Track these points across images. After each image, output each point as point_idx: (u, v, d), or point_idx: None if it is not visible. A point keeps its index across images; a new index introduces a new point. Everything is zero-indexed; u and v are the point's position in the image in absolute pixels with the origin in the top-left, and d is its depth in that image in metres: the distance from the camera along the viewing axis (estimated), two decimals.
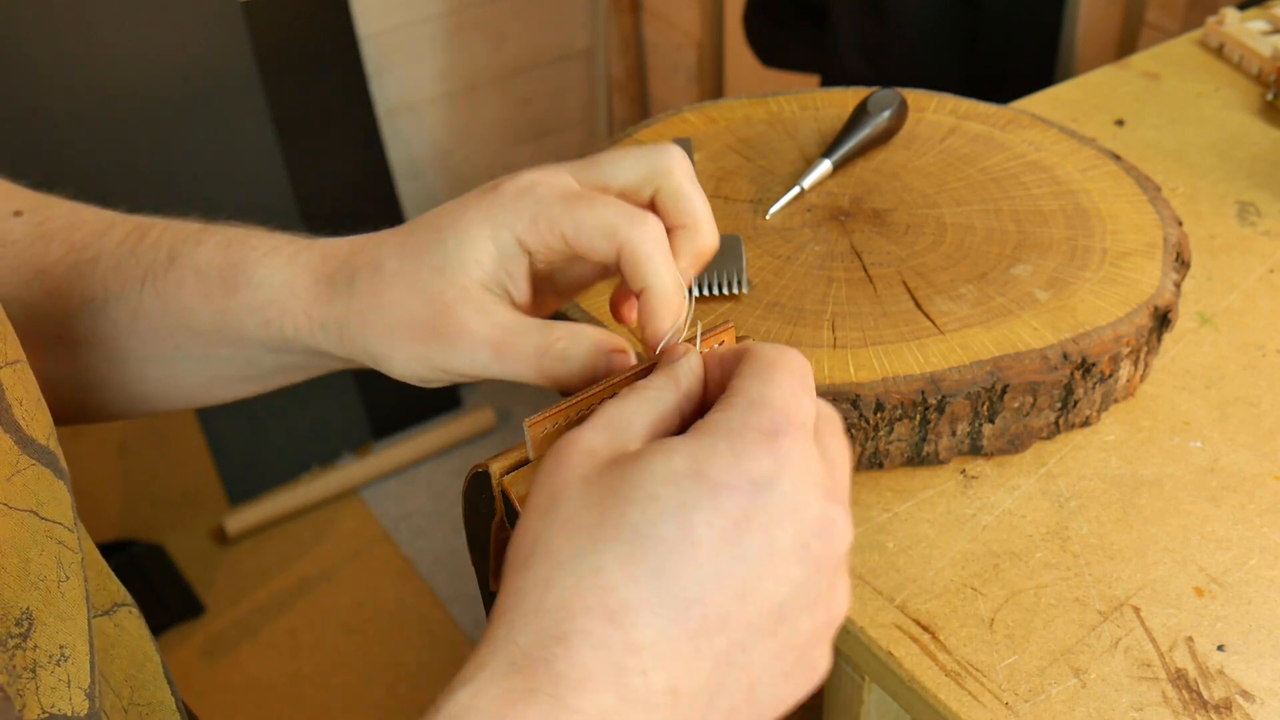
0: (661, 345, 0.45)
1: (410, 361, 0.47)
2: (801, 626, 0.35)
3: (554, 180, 0.46)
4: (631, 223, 0.44)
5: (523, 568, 0.35)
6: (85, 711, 0.38)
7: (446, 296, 0.46)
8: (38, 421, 0.40)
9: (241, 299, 0.50)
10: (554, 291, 0.51)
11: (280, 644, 1.75)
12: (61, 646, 0.37)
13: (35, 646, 0.36)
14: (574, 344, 0.45)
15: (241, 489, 1.94)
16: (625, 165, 0.47)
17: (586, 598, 0.33)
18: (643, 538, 0.34)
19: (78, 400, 0.56)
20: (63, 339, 0.53)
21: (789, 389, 0.37)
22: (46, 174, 1.70)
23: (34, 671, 0.36)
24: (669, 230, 0.46)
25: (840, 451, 0.38)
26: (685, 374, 0.40)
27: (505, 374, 0.46)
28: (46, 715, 0.36)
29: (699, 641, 0.33)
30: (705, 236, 0.47)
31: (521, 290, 0.47)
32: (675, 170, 0.46)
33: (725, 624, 0.34)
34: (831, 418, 0.39)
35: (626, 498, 0.34)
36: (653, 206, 0.47)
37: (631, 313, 0.50)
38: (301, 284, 0.49)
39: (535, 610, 0.34)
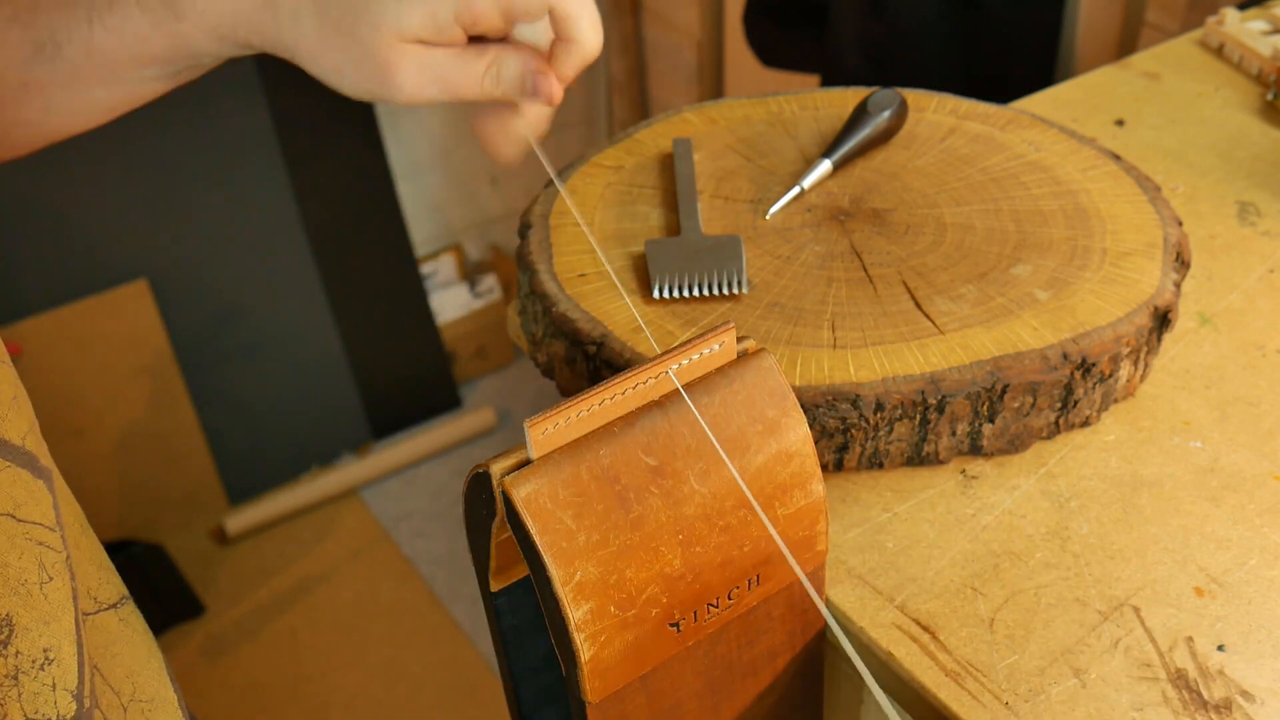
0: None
1: (358, 92, 0.55)
2: None
3: None
4: None
5: None
6: (72, 714, 0.38)
7: (386, 54, 0.53)
8: (11, 422, 0.40)
9: (190, 23, 0.55)
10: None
11: (280, 644, 1.75)
12: (45, 650, 0.37)
13: (17, 653, 0.36)
14: (505, 63, 0.54)
15: (241, 489, 1.94)
16: None
17: None
18: None
19: (38, 133, 0.60)
20: (20, 84, 0.57)
21: None
22: (46, 174, 1.70)
23: (15, 678, 0.36)
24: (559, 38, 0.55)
25: None
26: None
27: (450, 100, 0.54)
28: None
29: None
30: (584, 49, 0.56)
31: (455, 41, 0.54)
32: None
33: None
34: None
35: None
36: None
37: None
38: (246, 6, 0.54)
39: None
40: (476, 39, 0.56)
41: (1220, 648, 0.53)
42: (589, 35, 0.55)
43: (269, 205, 1.78)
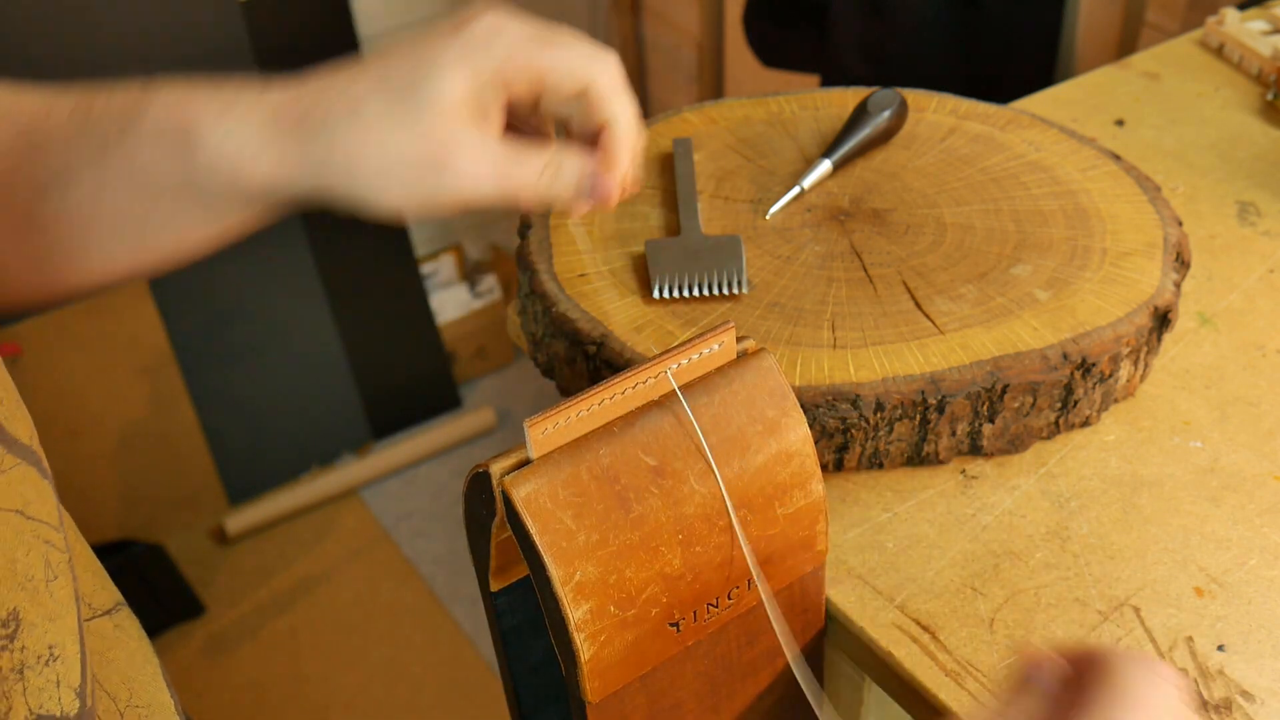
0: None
1: (404, 196, 0.49)
2: None
3: (520, 25, 0.50)
4: (594, 63, 0.50)
5: None
6: (75, 711, 0.38)
7: (440, 133, 0.48)
8: (19, 421, 0.40)
9: (206, 157, 0.50)
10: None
11: (280, 644, 1.75)
12: (50, 646, 0.37)
13: (23, 647, 0.36)
14: (565, 163, 0.50)
15: (241, 489, 1.94)
16: (567, 50, 0.50)
17: None
18: None
19: (44, 283, 0.56)
20: (24, 222, 0.53)
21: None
22: None
23: (21, 673, 0.36)
24: (598, 129, 0.51)
25: None
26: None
27: (506, 197, 0.50)
28: (35, 716, 0.36)
29: None
30: (626, 134, 0.51)
31: (496, 123, 0.50)
32: (605, 74, 0.50)
33: None
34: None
35: None
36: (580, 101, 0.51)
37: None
38: (269, 131, 0.50)
39: None
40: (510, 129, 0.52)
41: (1220, 648, 0.53)
42: (625, 114, 0.50)
43: None
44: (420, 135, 0.48)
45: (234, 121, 0.50)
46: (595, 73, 0.49)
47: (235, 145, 0.50)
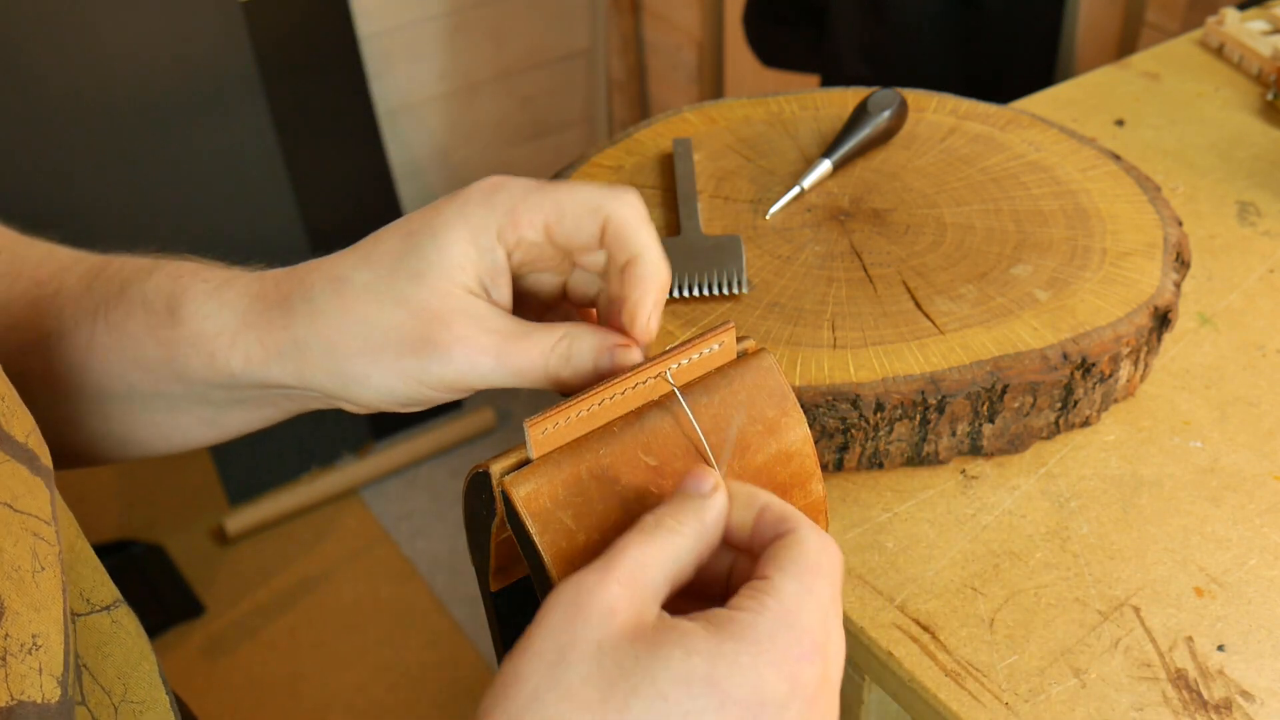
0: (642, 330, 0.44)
1: (392, 379, 0.44)
2: None
3: (521, 180, 0.45)
4: (614, 196, 0.44)
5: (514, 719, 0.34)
6: (56, 699, 0.38)
7: (433, 305, 0.43)
8: (18, 419, 0.40)
9: (186, 331, 0.47)
10: (520, 306, 0.49)
11: (280, 644, 1.75)
12: (34, 635, 0.37)
13: (6, 635, 0.36)
14: (577, 342, 0.44)
15: (241, 489, 1.94)
16: (581, 188, 0.46)
17: None
18: None
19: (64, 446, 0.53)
20: (21, 375, 0.50)
21: (825, 604, 0.36)
22: (47, 174, 1.70)
23: (4, 659, 0.36)
24: (622, 266, 0.45)
25: (839, 665, 0.37)
26: (712, 521, 0.39)
27: (507, 380, 0.44)
28: (15, 702, 0.36)
29: None
30: (656, 268, 0.45)
31: (504, 295, 0.45)
32: (626, 206, 0.45)
33: None
34: (842, 636, 0.38)
35: (634, 688, 0.33)
36: (602, 240, 0.45)
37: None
38: (253, 312, 0.46)
39: None
40: (530, 303, 0.48)
41: (1220, 648, 0.53)
42: (653, 248, 0.44)
43: (269, 205, 1.78)
44: (409, 310, 0.43)
45: (218, 303, 0.47)
46: (615, 206, 0.44)
47: (215, 326, 0.46)
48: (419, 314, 0.43)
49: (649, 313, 0.44)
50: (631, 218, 0.44)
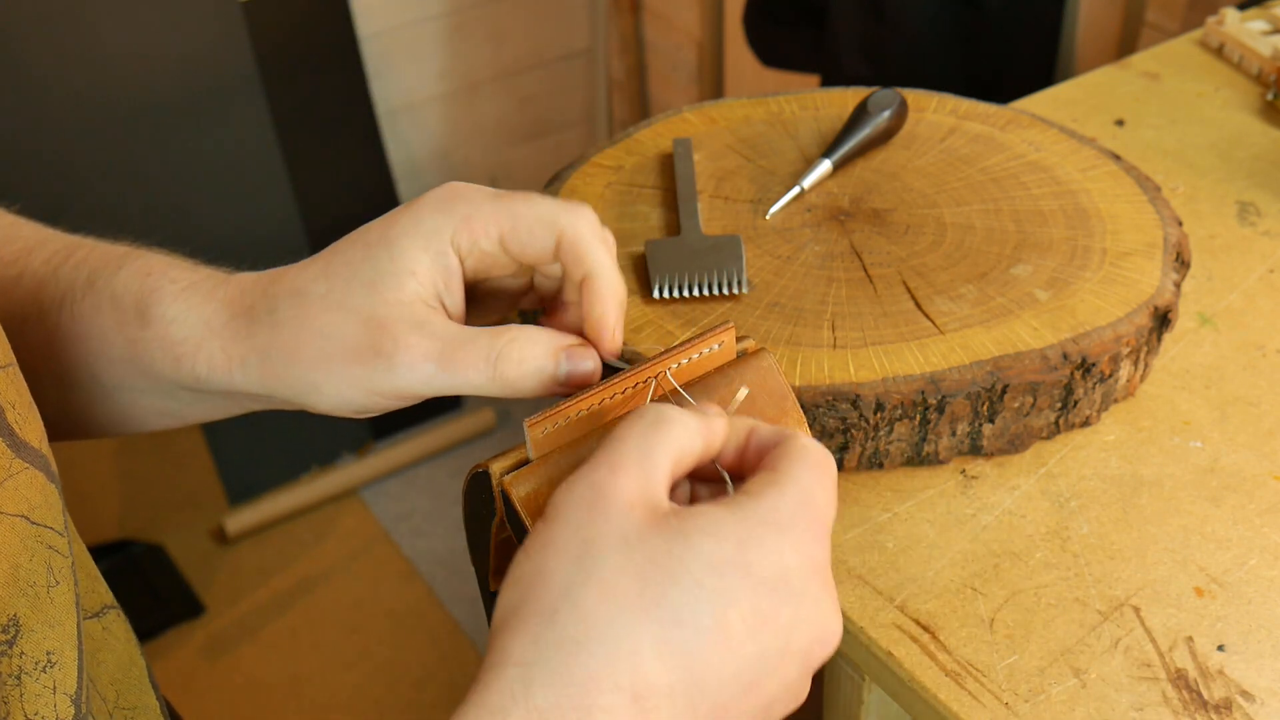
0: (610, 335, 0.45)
1: (345, 387, 0.45)
2: (775, 711, 0.37)
3: (479, 188, 0.46)
4: (569, 211, 0.44)
5: (549, 617, 0.34)
6: (70, 718, 0.38)
7: (380, 313, 0.44)
8: (31, 425, 0.40)
9: (154, 333, 0.48)
10: (475, 312, 0.50)
11: (280, 644, 1.75)
12: (49, 653, 0.37)
13: (21, 653, 0.36)
14: (528, 345, 0.44)
15: (241, 489, 1.94)
16: (538, 201, 0.46)
17: (618, 675, 0.33)
18: (680, 622, 0.34)
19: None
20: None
21: (831, 492, 0.38)
22: (47, 174, 1.70)
23: (19, 678, 0.36)
24: (579, 281, 0.46)
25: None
26: (715, 426, 0.40)
27: (454, 386, 0.44)
28: None
29: None
30: (612, 284, 0.45)
31: (456, 301, 0.46)
32: (581, 221, 0.45)
33: (725, 713, 0.35)
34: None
35: (670, 575, 0.34)
36: (557, 254, 0.46)
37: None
38: (218, 320, 0.47)
39: (562, 672, 0.33)
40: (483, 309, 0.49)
41: (1220, 648, 0.53)
42: (607, 265, 0.45)
43: (269, 205, 1.78)
44: (361, 319, 0.44)
45: (185, 306, 0.47)
46: (570, 220, 0.44)
47: (181, 332, 0.47)
48: (368, 324, 0.44)
49: (613, 327, 0.45)
50: (585, 234, 0.44)
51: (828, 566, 0.37)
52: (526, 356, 0.44)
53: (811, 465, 0.38)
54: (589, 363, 0.44)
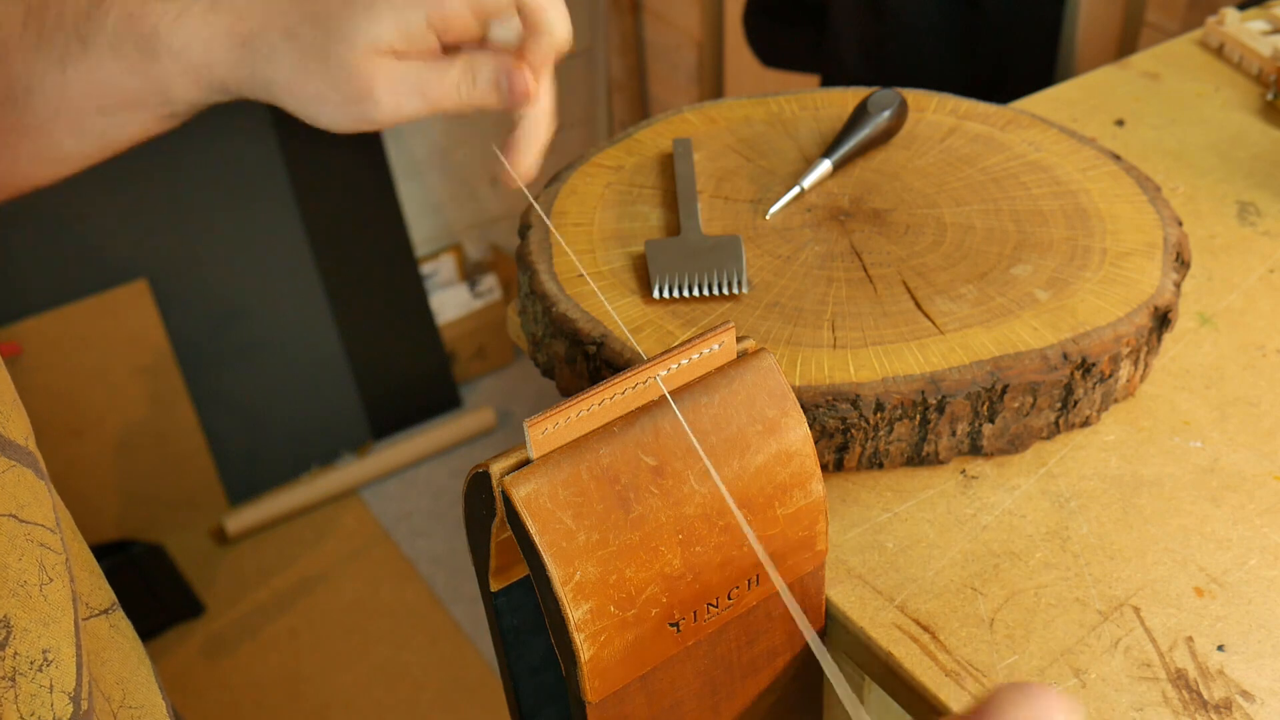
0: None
1: (339, 118, 0.53)
2: None
3: None
4: None
5: None
6: (68, 716, 0.38)
7: (360, 69, 0.51)
8: (16, 423, 0.40)
9: (165, 65, 0.53)
10: None
11: (280, 644, 1.75)
12: (44, 651, 0.37)
13: (15, 654, 0.36)
14: (479, 67, 0.53)
15: (241, 489, 1.94)
16: None
17: None
18: None
19: (7, 180, 0.58)
20: None
21: None
22: None
23: (13, 679, 0.36)
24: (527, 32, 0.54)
25: None
26: None
27: (430, 112, 0.53)
28: None
29: None
30: (546, 21, 0.54)
31: (425, 53, 0.53)
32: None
33: None
34: None
35: None
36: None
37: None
38: (221, 47, 0.53)
39: None
40: (451, 49, 0.56)
41: (1220, 648, 0.53)
42: (557, 24, 0.54)
43: (269, 205, 1.78)
44: (342, 73, 0.51)
45: (190, 31, 0.52)
46: None
47: (196, 54, 0.53)
48: (350, 76, 0.52)
49: (542, 71, 0.54)
50: None
51: None
52: (478, 74, 0.53)
53: None
54: (524, 83, 0.53)
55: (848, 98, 0.82)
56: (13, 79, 0.53)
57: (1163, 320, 0.64)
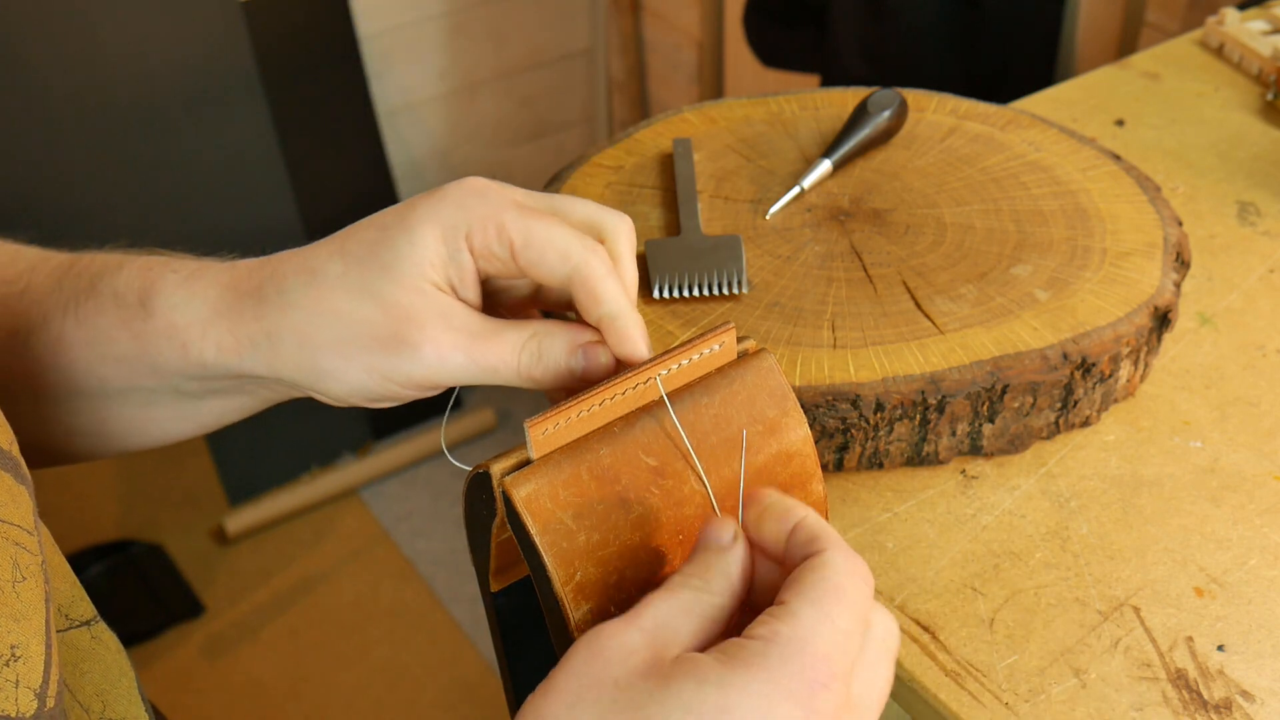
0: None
1: (361, 374, 0.44)
2: None
3: (505, 190, 0.45)
4: (586, 247, 0.43)
5: None
6: (32, 712, 0.38)
7: (405, 301, 0.43)
8: (1, 429, 0.40)
9: (159, 323, 0.47)
10: (488, 306, 0.49)
11: (280, 644, 1.75)
12: (13, 646, 0.37)
13: None
14: (548, 340, 0.44)
15: (241, 489, 1.94)
16: (577, 205, 0.45)
17: None
18: None
19: (40, 443, 0.53)
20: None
21: (843, 629, 0.34)
22: (47, 174, 1.70)
23: None
24: (596, 319, 0.45)
25: (885, 681, 0.36)
26: (735, 573, 0.38)
27: (478, 378, 0.44)
28: None
29: None
30: (633, 322, 0.44)
31: (471, 293, 0.45)
32: (595, 259, 0.44)
33: None
34: (887, 637, 0.37)
35: (646, 718, 0.33)
36: (569, 288, 0.45)
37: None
38: (224, 302, 0.46)
39: None
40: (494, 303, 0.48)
41: (1220, 648, 0.53)
42: (621, 303, 0.44)
43: (269, 205, 1.78)
44: (380, 305, 0.43)
45: (188, 293, 0.47)
46: (586, 260, 0.43)
47: (186, 317, 0.47)
48: (390, 310, 0.43)
49: (646, 354, 0.45)
50: (599, 272, 0.43)
51: (843, 710, 0.34)
52: (546, 351, 0.44)
53: (824, 595, 0.34)
54: (605, 358, 0.44)
55: (848, 98, 0.82)
56: (20, 319, 0.50)
57: (1163, 320, 0.64)
